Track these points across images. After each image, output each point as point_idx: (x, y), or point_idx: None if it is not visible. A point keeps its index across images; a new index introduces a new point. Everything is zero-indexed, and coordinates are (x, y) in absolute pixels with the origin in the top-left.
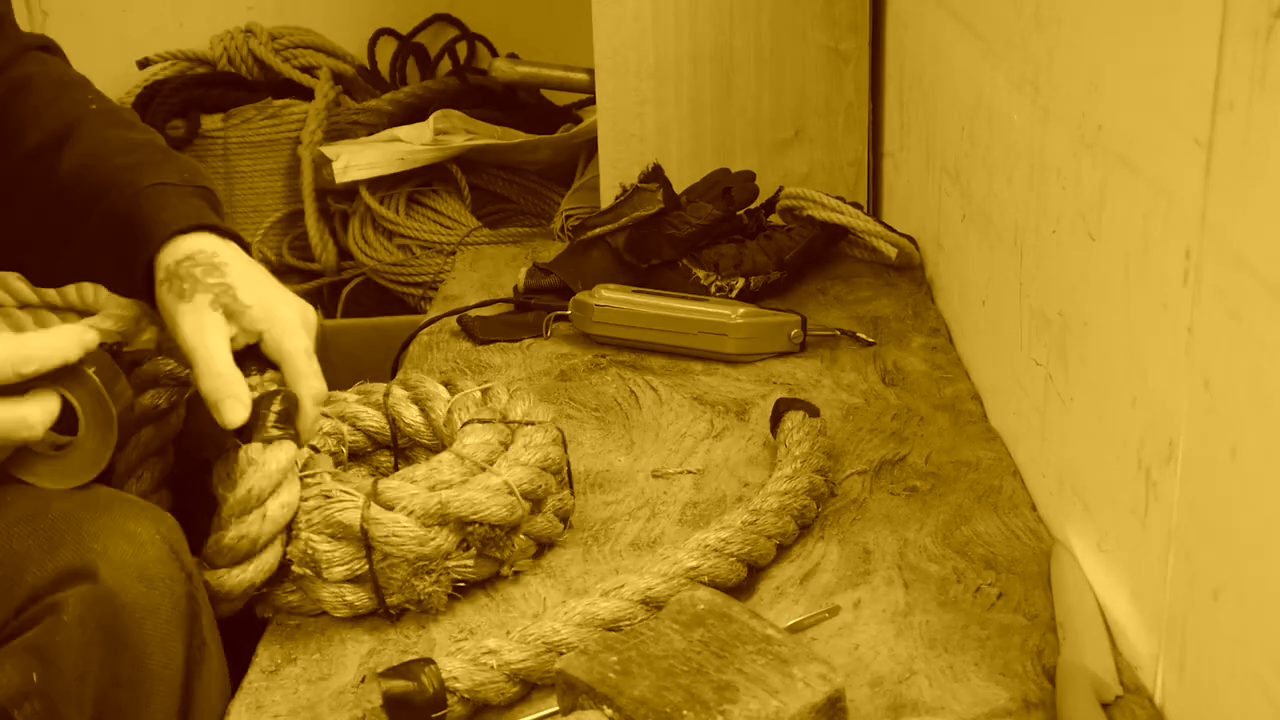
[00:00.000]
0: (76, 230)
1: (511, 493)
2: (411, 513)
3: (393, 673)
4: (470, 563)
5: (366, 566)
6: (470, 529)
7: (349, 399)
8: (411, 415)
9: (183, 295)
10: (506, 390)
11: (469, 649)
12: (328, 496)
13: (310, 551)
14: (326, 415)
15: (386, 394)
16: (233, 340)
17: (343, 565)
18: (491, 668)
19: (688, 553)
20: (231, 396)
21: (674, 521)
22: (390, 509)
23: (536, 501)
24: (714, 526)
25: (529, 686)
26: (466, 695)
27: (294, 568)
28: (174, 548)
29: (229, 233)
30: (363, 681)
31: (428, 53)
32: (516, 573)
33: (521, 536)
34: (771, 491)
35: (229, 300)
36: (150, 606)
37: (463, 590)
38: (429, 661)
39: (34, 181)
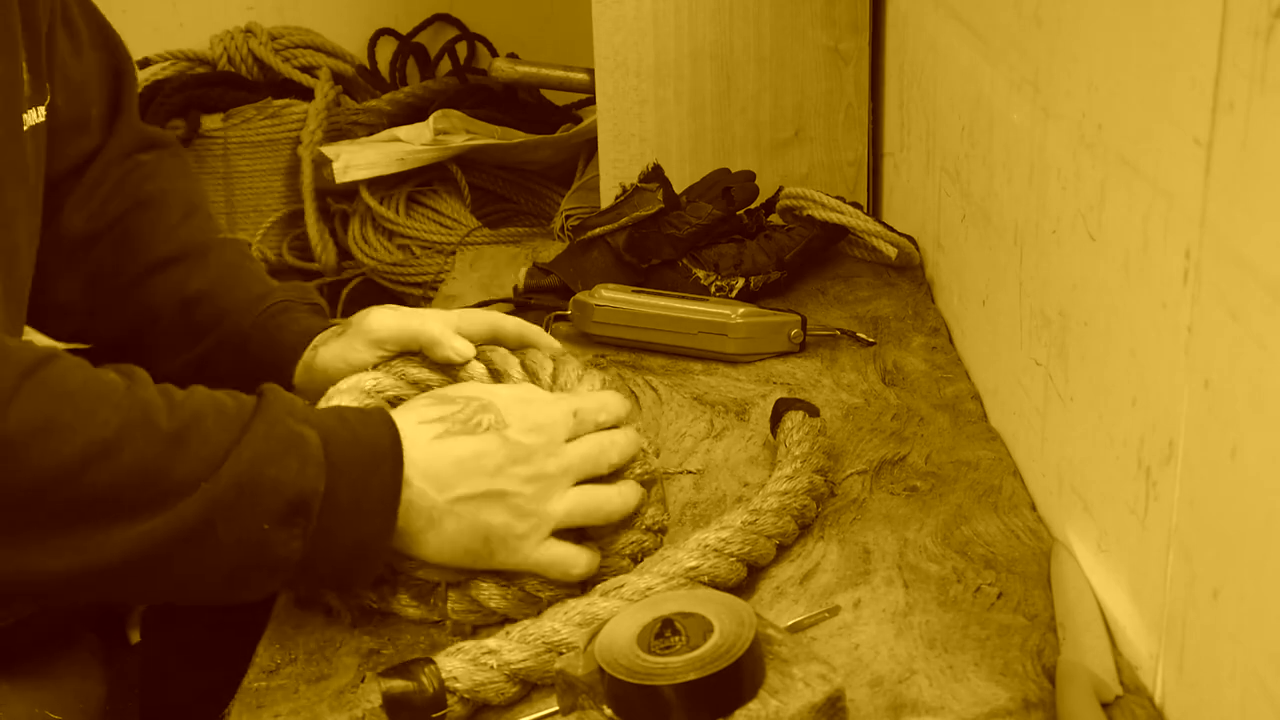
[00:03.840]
0: (191, 343)
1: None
2: None
3: (392, 673)
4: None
5: None
6: None
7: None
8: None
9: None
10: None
11: (469, 649)
12: None
13: None
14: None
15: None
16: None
17: None
18: (491, 668)
19: (688, 553)
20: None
21: (674, 521)
22: None
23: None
24: (714, 526)
25: (529, 686)
26: (466, 695)
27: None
28: None
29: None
30: (363, 681)
31: (428, 53)
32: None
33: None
34: (771, 491)
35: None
36: None
37: None
38: (429, 661)
39: (157, 293)
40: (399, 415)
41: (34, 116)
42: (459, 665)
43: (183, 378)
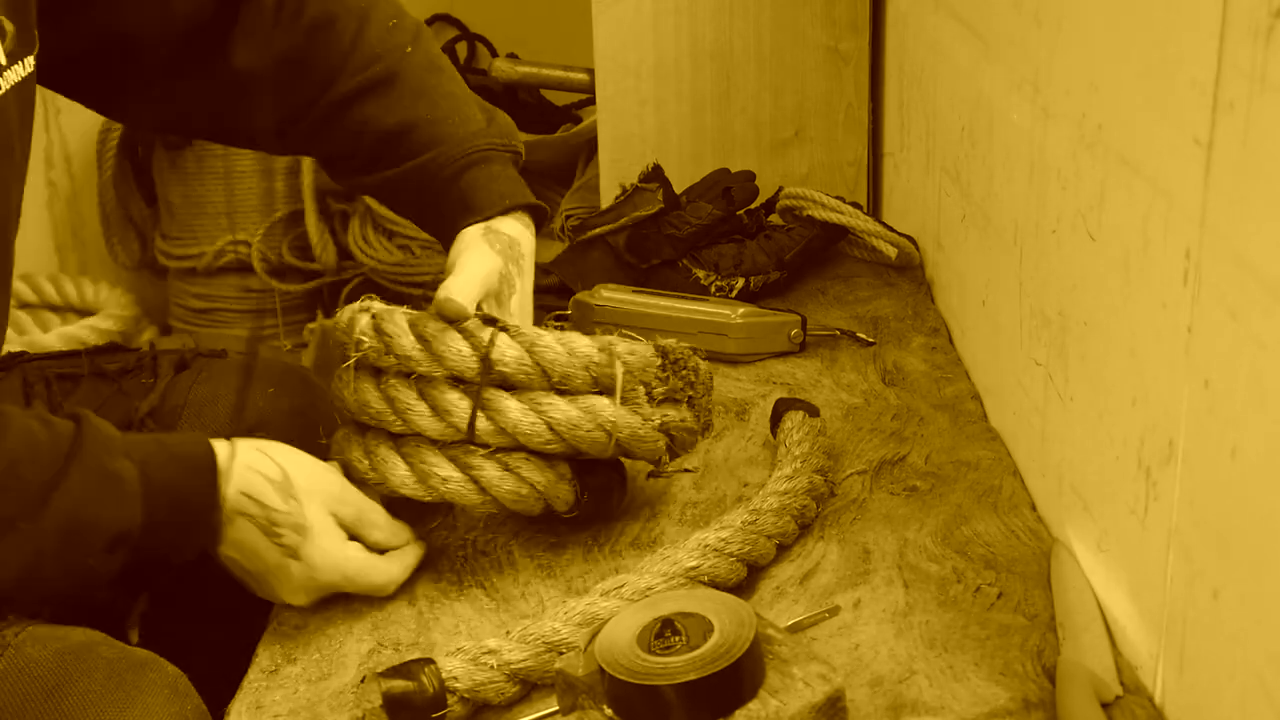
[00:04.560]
0: (386, 174)
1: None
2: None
3: (393, 673)
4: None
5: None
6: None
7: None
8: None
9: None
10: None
11: (469, 649)
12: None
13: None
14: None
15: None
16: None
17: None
18: (491, 668)
19: (688, 553)
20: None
21: (674, 521)
22: None
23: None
24: (714, 526)
25: (529, 686)
26: (466, 695)
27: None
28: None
29: (530, 208)
30: (363, 681)
31: None
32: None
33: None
34: (771, 491)
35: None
36: None
37: (461, 587)
38: (429, 661)
39: (349, 127)
40: (232, 457)
41: (18, 71)
42: (459, 665)
43: (377, 190)
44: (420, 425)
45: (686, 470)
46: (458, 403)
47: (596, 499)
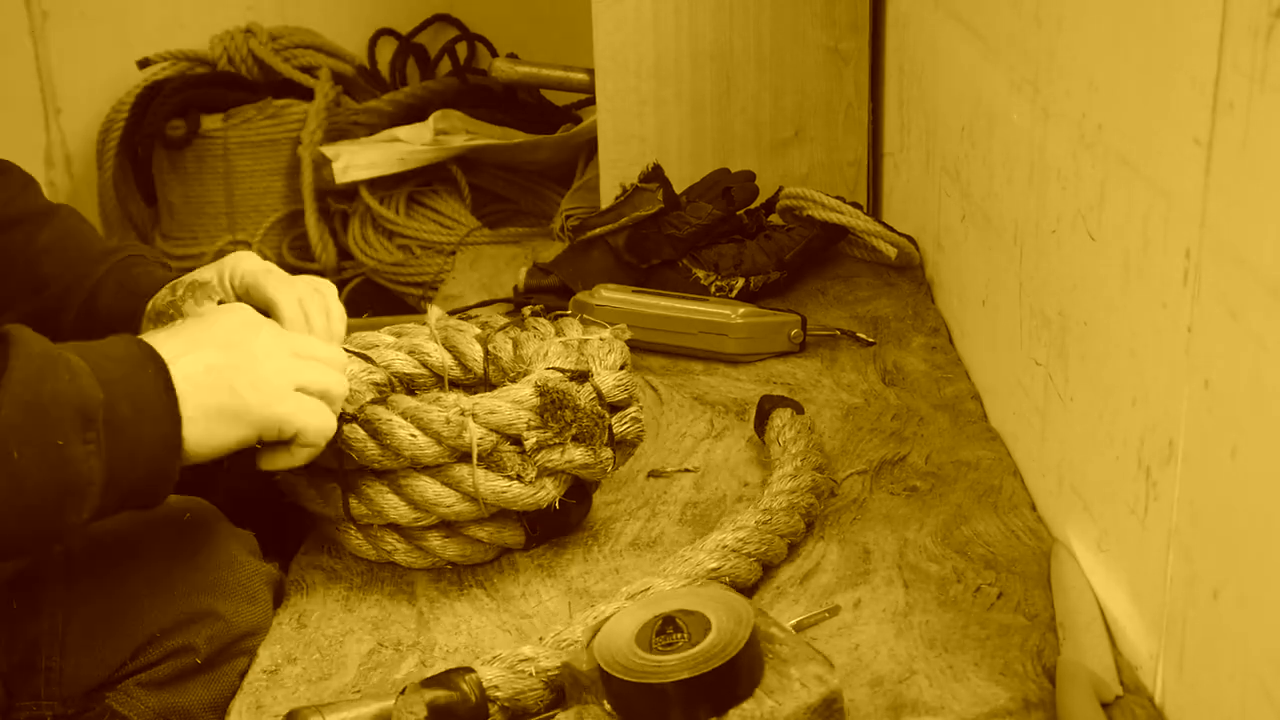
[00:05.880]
0: (35, 293)
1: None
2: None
3: (433, 682)
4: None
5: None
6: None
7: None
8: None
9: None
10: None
11: (505, 656)
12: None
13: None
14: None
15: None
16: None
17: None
18: (530, 675)
19: (708, 554)
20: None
21: (674, 521)
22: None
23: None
24: (729, 527)
25: (564, 694)
26: (507, 704)
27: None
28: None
29: None
30: (403, 693)
31: (428, 53)
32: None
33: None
34: (779, 490)
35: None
36: (259, 619)
37: (462, 587)
38: (469, 670)
39: (2, 251)
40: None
41: None
42: (498, 673)
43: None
44: (313, 509)
45: (686, 470)
46: (331, 490)
47: (550, 525)
